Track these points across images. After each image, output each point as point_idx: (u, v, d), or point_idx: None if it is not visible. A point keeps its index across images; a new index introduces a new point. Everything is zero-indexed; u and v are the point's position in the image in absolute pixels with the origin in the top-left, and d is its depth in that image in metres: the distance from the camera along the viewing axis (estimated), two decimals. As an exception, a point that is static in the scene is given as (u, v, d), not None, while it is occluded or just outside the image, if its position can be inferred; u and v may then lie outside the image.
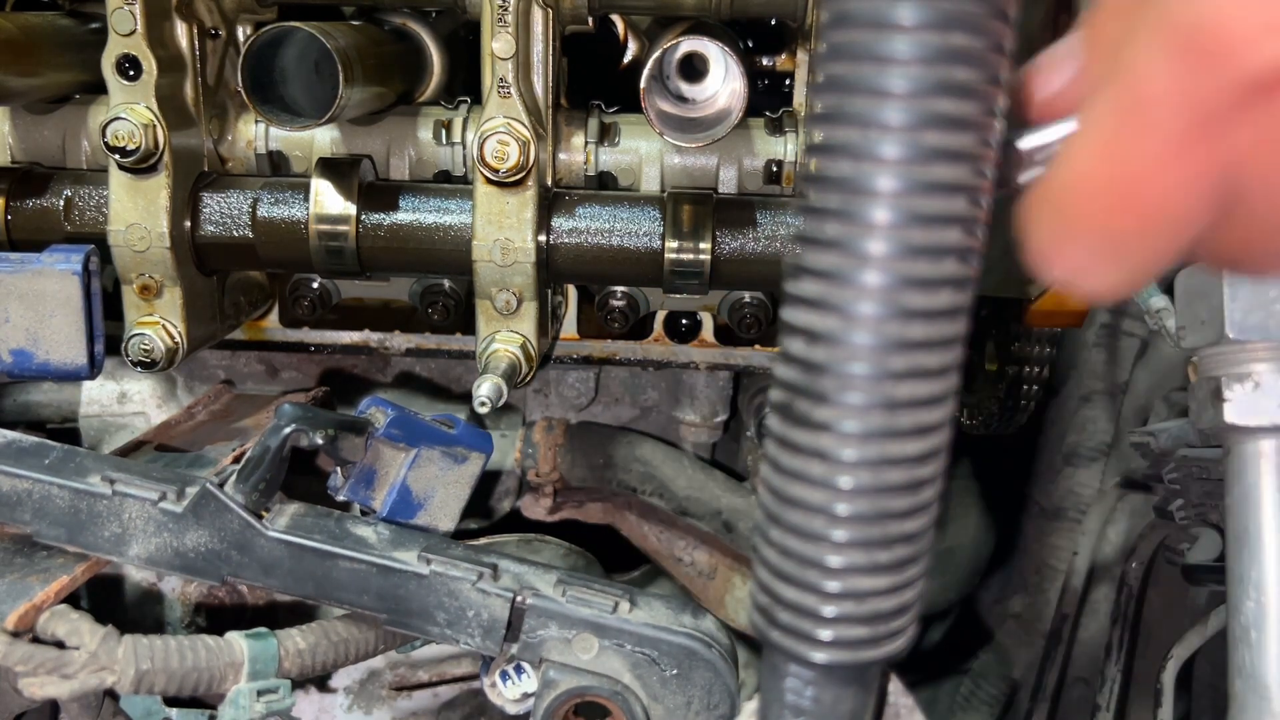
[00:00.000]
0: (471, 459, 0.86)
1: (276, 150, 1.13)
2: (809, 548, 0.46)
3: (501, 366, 1.02)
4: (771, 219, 1.04)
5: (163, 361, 1.04)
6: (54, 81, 1.06)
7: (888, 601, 0.47)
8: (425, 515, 0.84)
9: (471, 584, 0.75)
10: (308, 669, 0.78)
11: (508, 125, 0.99)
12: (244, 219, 1.05)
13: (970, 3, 0.39)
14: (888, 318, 0.42)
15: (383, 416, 0.83)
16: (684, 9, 1.05)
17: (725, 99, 1.06)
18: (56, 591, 0.75)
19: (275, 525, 0.77)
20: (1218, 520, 1.23)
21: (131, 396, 1.37)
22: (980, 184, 0.42)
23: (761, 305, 1.17)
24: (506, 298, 1.05)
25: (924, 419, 0.44)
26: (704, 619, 0.77)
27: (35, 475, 0.77)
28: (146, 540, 0.77)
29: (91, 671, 0.70)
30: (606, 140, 1.12)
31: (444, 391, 1.48)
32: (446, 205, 1.05)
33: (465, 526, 1.39)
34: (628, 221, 1.04)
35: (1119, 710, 1.46)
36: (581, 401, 1.47)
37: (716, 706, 0.74)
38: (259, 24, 1.09)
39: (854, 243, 0.41)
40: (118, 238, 1.02)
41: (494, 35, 0.98)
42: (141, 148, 0.98)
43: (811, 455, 0.44)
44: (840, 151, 0.41)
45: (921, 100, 0.40)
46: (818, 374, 0.43)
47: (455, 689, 1.33)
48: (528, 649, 0.75)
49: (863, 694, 0.50)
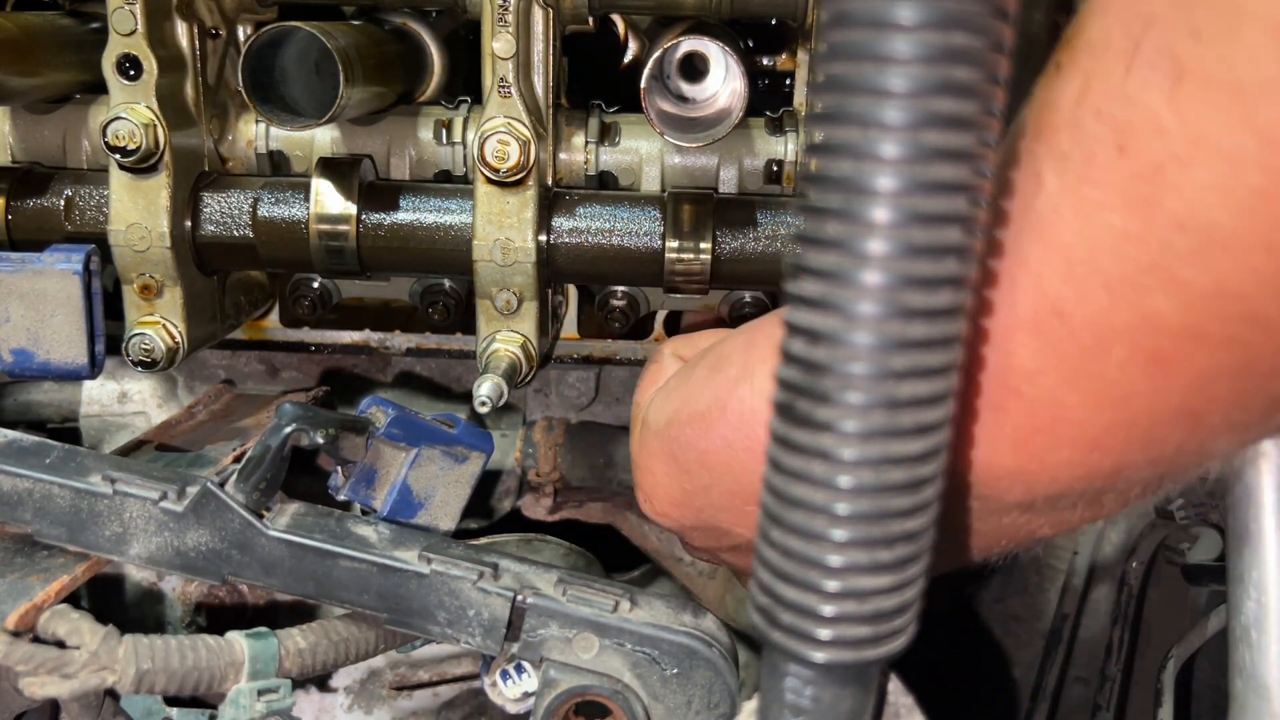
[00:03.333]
0: (472, 458, 0.86)
1: (277, 150, 1.13)
2: (809, 547, 0.46)
3: (502, 366, 1.02)
4: (772, 219, 1.05)
5: (163, 361, 1.04)
6: (54, 81, 1.06)
7: (888, 600, 0.47)
8: (426, 515, 0.84)
9: (472, 583, 0.75)
10: (308, 668, 0.78)
11: (508, 125, 0.99)
12: (244, 219, 1.05)
13: (970, 2, 0.40)
14: (888, 317, 0.42)
15: (383, 416, 0.83)
16: (684, 9, 1.05)
17: (725, 99, 1.06)
18: (57, 591, 0.75)
19: (276, 525, 0.77)
20: (1218, 520, 1.23)
21: (132, 396, 1.37)
22: (980, 184, 0.43)
23: (762, 305, 1.17)
24: (507, 297, 1.05)
25: (925, 418, 0.44)
26: (704, 618, 0.77)
27: (36, 475, 0.77)
28: (147, 540, 0.77)
29: (92, 671, 0.70)
30: (607, 140, 1.12)
31: (444, 391, 1.48)
32: (447, 205, 1.05)
33: (466, 526, 1.39)
34: (628, 221, 1.04)
35: (1119, 710, 1.47)
36: (582, 401, 1.47)
37: (717, 706, 0.74)
38: (259, 24, 1.09)
39: (854, 242, 0.42)
40: (118, 237, 1.02)
41: (494, 35, 0.98)
42: (142, 147, 0.99)
43: (812, 455, 0.45)
44: (840, 151, 0.41)
45: (922, 99, 0.40)
46: (818, 374, 0.44)
47: (456, 688, 1.33)
48: (528, 648, 0.75)
49: (863, 693, 0.50)
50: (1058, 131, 0.45)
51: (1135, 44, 0.41)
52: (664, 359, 0.79)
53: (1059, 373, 0.47)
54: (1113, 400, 0.46)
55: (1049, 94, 0.46)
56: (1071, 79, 0.45)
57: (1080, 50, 0.45)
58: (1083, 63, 0.44)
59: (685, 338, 0.83)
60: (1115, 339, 0.44)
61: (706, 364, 0.65)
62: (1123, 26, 0.42)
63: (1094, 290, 0.44)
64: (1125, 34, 0.42)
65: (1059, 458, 0.49)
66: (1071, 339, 0.45)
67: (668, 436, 0.66)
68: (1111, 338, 0.44)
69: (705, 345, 0.77)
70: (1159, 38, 0.40)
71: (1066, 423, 0.48)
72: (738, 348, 0.64)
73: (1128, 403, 0.46)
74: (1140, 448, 0.49)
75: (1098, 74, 0.43)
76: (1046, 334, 0.46)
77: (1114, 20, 0.43)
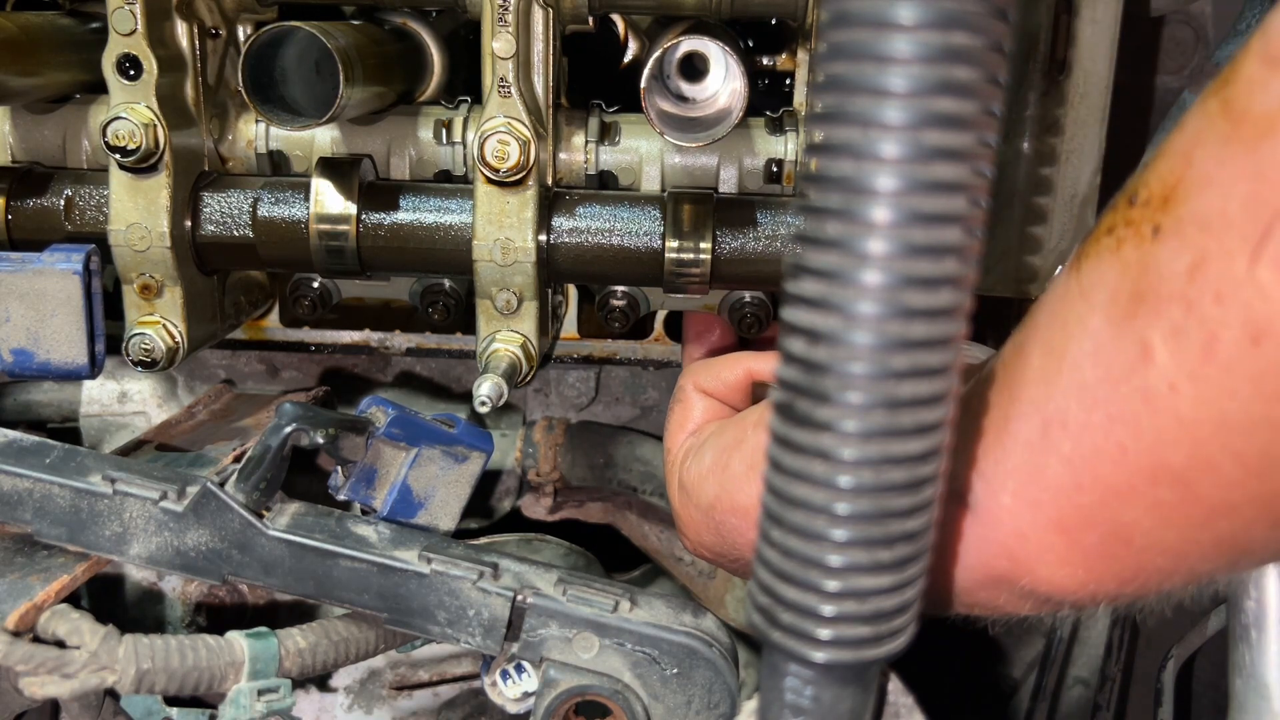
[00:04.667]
0: (472, 458, 0.86)
1: (277, 150, 1.13)
2: (809, 547, 0.46)
3: (502, 366, 1.02)
4: (772, 218, 1.04)
5: (163, 361, 1.04)
6: (54, 81, 1.06)
7: (888, 600, 0.47)
8: (426, 514, 0.84)
9: (472, 583, 0.75)
10: (308, 668, 0.78)
11: (508, 125, 0.99)
12: (244, 219, 1.05)
13: (970, 2, 0.40)
14: (888, 317, 0.42)
15: (383, 416, 0.83)
16: (684, 9, 1.05)
17: (725, 98, 1.06)
18: (57, 591, 0.75)
19: (276, 524, 0.77)
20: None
21: (132, 396, 1.37)
22: (980, 184, 0.43)
23: (762, 305, 1.17)
24: (507, 297, 1.05)
25: (925, 418, 0.44)
26: (704, 618, 0.77)
27: (36, 474, 0.77)
28: (147, 539, 0.77)
29: (92, 671, 0.70)
30: (607, 140, 1.12)
31: (444, 391, 1.48)
32: (447, 205, 1.05)
33: (466, 526, 1.39)
34: (628, 221, 1.04)
35: (1119, 710, 1.46)
36: (582, 401, 1.47)
37: (717, 705, 0.74)
38: (259, 24, 1.09)
39: (854, 242, 0.42)
40: (118, 237, 1.02)
41: (494, 35, 0.98)
42: (142, 147, 0.99)
43: (812, 454, 0.45)
44: (841, 151, 0.41)
45: (921, 99, 0.40)
46: (818, 373, 0.44)
47: (456, 688, 1.33)
48: (528, 648, 0.75)
49: (863, 693, 0.50)
50: (1166, 303, 0.44)
51: (1260, 231, 0.41)
52: (689, 398, 0.87)
53: (1179, 531, 0.49)
54: (1228, 550, 0.50)
55: (1148, 257, 0.45)
56: (1178, 251, 0.44)
57: (1186, 220, 0.44)
58: (1191, 235, 0.43)
59: (706, 365, 0.88)
60: (1247, 502, 0.47)
61: (742, 460, 0.71)
62: (1240, 208, 0.41)
63: (1224, 464, 0.45)
64: (1244, 216, 0.41)
65: (1129, 590, 0.53)
66: (1194, 503, 0.48)
67: (712, 520, 0.74)
68: (1243, 501, 0.47)
69: (728, 375, 0.86)
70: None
71: (1179, 567, 0.52)
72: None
73: (1237, 548, 0.50)
74: (1204, 577, 0.53)
75: (1214, 254, 0.42)
76: (1162, 498, 0.48)
77: (1230, 200, 0.42)
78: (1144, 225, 0.46)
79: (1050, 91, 1.15)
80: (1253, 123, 0.41)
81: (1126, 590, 0.53)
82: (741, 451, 0.72)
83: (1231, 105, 0.42)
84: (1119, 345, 0.47)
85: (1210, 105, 0.43)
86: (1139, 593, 0.53)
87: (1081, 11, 1.13)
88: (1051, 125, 1.15)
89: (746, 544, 0.71)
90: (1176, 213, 0.44)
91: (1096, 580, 0.52)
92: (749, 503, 0.70)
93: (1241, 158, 0.41)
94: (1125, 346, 0.47)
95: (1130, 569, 0.52)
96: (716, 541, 0.75)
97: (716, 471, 0.73)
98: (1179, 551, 0.50)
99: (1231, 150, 0.42)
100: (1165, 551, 0.50)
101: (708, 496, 0.74)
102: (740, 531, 0.71)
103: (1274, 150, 0.40)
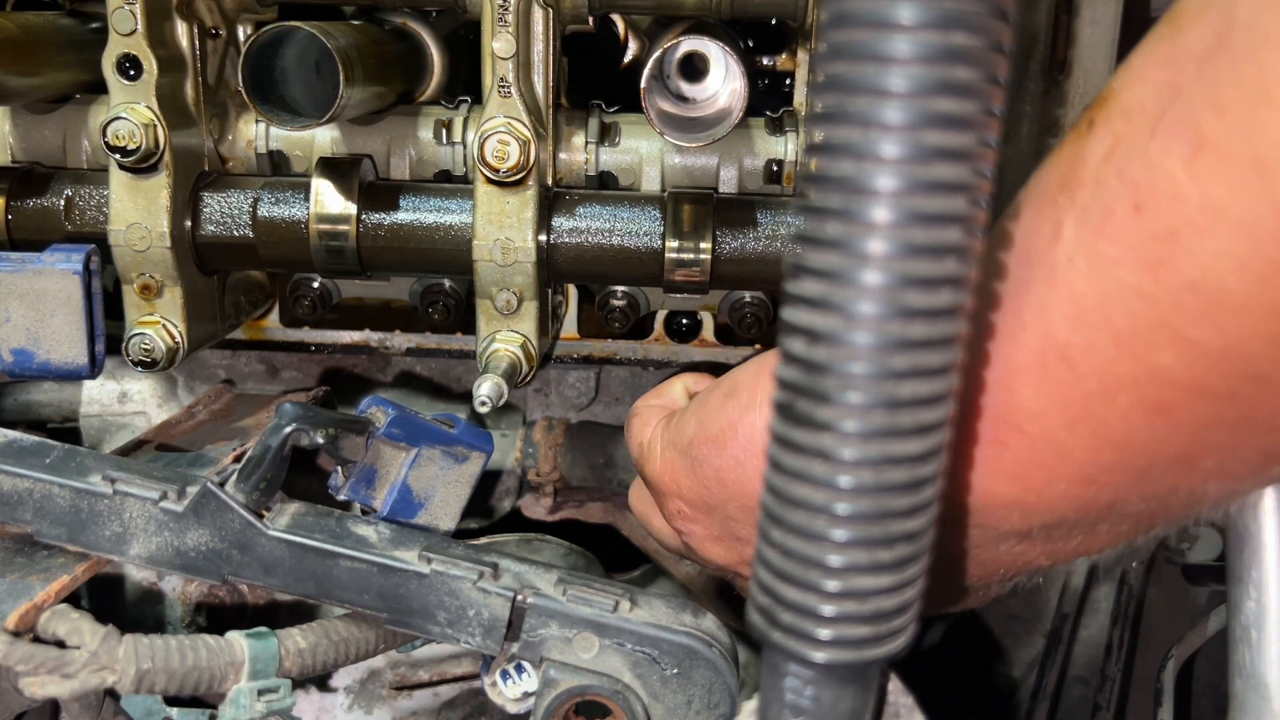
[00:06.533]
0: (472, 458, 0.86)
1: (277, 150, 1.13)
2: (809, 547, 0.46)
3: (502, 366, 1.02)
4: (772, 219, 1.05)
5: (163, 361, 1.04)
6: (54, 81, 1.06)
7: (888, 600, 0.47)
8: (426, 515, 0.84)
9: (472, 583, 0.75)
10: (308, 668, 0.78)
11: (508, 125, 0.99)
12: (244, 219, 1.05)
13: (970, 2, 0.40)
14: (888, 317, 0.42)
15: (383, 416, 0.83)
16: (684, 9, 1.05)
17: (725, 99, 1.06)
18: (57, 591, 0.75)
19: (276, 524, 0.77)
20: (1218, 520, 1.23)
21: (132, 396, 1.37)
22: (980, 184, 0.43)
23: (762, 305, 1.17)
24: (507, 297, 1.05)
25: (925, 418, 0.44)
26: (704, 618, 0.77)
27: (36, 474, 0.77)
28: (147, 539, 0.77)
29: (92, 671, 0.70)
30: (607, 140, 1.12)
31: (444, 391, 1.48)
32: (447, 205, 1.05)
33: (466, 526, 1.39)
34: (628, 221, 1.04)
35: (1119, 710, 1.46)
36: (582, 401, 1.47)
37: (717, 705, 0.74)
38: (259, 24, 1.09)
39: (855, 242, 0.42)
40: (118, 237, 1.02)
41: (494, 35, 0.98)
42: (142, 147, 0.99)
43: (812, 455, 0.45)
44: (841, 151, 0.41)
45: (922, 99, 0.40)
46: (818, 374, 0.44)
47: (456, 688, 1.33)
48: (528, 648, 0.75)
49: (863, 693, 0.50)
50: (1082, 186, 0.47)
51: (1162, 111, 0.43)
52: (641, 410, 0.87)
53: (1061, 414, 0.49)
54: (1112, 443, 0.49)
55: (1079, 149, 0.48)
56: (1102, 138, 0.47)
57: (1114, 112, 0.47)
58: (1114, 124, 0.46)
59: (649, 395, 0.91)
60: (1120, 388, 0.47)
61: (720, 391, 0.71)
62: (1154, 94, 0.44)
63: (1102, 341, 0.46)
64: (1155, 101, 0.44)
65: (1056, 490, 0.52)
66: (1076, 384, 0.48)
67: (689, 457, 0.72)
68: (1116, 386, 0.47)
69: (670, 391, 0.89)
70: (1184, 108, 0.42)
71: (1066, 460, 0.51)
72: (748, 377, 0.69)
73: (1127, 446, 0.49)
74: (1136, 485, 0.51)
75: (1125, 136, 0.45)
76: (1051, 376, 0.49)
77: (1147, 88, 0.45)
78: (1082, 124, 0.49)
79: (1050, 91, 1.15)
80: (1177, 17, 0.44)
81: (1051, 500, 0.53)
82: (718, 388, 0.72)
83: (1171, 13, 0.45)
84: (1037, 227, 0.49)
85: (1161, 19, 0.46)
86: (1064, 505, 0.53)
87: (1081, 11, 1.13)
88: (1051, 125, 1.15)
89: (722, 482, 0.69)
90: (1109, 108, 0.47)
91: (1023, 485, 0.53)
92: (719, 429, 0.68)
93: (1164, 48, 0.45)
94: (1042, 228, 0.49)
95: (1036, 465, 0.51)
96: (694, 485, 0.73)
97: (696, 410, 0.73)
98: (1063, 444, 0.50)
99: (1159, 46, 0.45)
100: (1056, 446, 0.50)
101: (687, 434, 0.73)
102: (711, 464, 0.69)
103: (1189, 37, 0.43)
